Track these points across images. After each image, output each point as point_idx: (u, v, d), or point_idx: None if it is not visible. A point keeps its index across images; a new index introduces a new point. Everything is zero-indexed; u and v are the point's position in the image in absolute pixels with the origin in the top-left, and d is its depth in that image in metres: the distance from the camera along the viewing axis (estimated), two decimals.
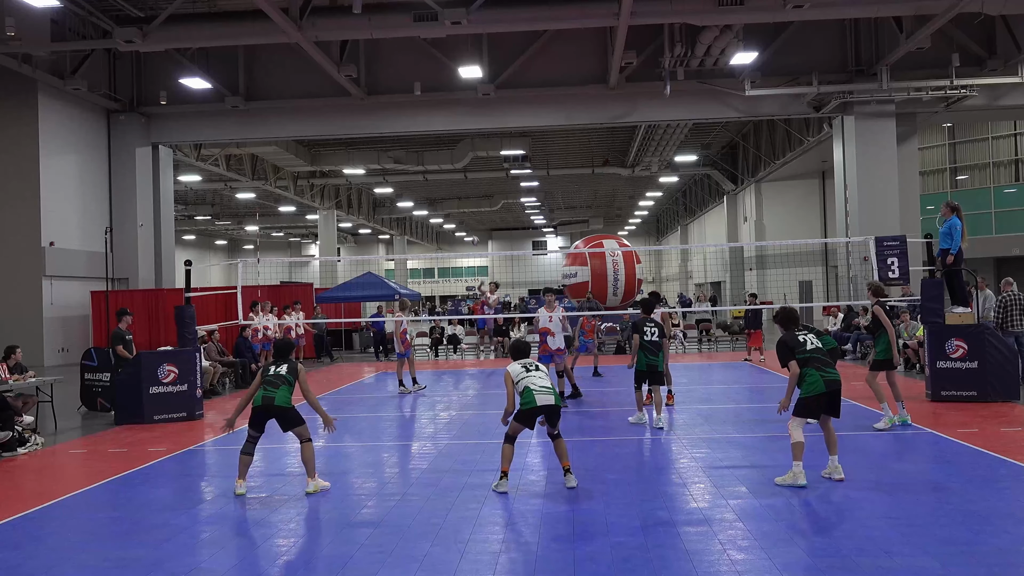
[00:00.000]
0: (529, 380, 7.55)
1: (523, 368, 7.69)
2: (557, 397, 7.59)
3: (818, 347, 7.40)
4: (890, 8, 19.32)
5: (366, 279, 26.63)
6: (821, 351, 7.38)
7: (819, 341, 7.45)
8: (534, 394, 7.45)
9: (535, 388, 7.47)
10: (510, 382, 7.64)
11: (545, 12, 18.92)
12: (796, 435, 7.32)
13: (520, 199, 51.76)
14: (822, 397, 7.27)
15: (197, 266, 14.73)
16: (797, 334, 7.48)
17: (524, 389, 7.50)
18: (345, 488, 7.89)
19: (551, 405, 7.44)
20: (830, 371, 7.32)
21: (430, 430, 11.12)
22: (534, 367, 7.74)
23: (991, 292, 14.74)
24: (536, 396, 7.43)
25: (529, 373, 7.63)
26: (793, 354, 7.37)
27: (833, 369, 7.36)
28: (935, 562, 5.24)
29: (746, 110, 24.22)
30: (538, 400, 7.41)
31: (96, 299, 22.20)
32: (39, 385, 12.26)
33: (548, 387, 7.54)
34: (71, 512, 7.30)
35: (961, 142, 34.61)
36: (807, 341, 7.42)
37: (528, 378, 7.57)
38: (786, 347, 7.44)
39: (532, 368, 7.70)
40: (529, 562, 5.49)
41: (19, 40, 19.30)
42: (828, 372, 7.30)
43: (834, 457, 7.51)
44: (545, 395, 7.45)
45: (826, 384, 7.25)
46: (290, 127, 25.35)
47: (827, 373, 7.29)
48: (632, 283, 28.70)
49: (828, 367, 7.33)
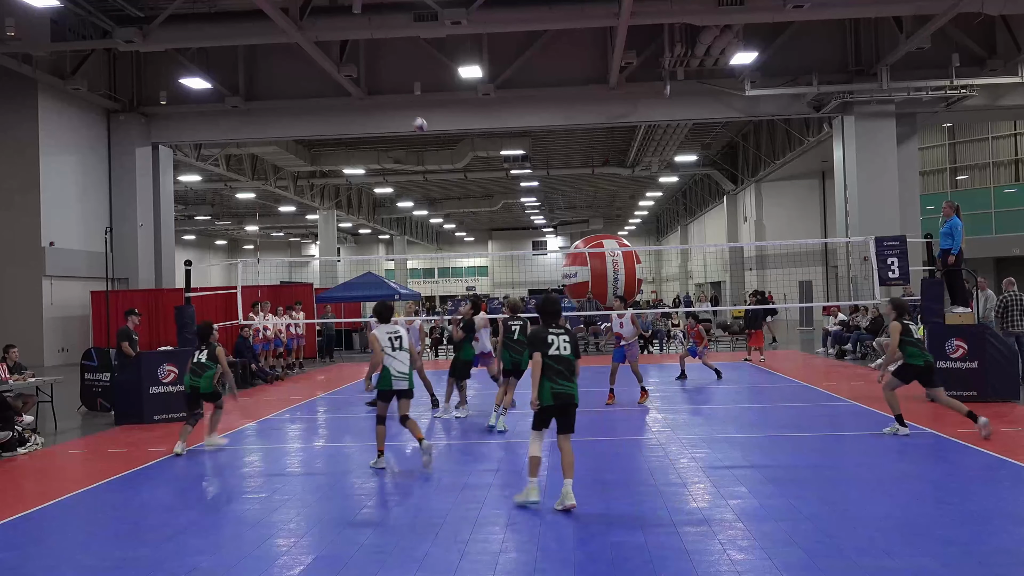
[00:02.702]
0: (389, 361, 8.22)
1: (389, 342, 8.27)
2: (411, 382, 8.33)
3: (561, 354, 6.77)
4: (890, 8, 19.33)
5: (366, 279, 26.61)
6: (561, 359, 6.76)
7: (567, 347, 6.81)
8: (391, 379, 8.19)
9: (393, 373, 8.21)
10: (377, 345, 8.23)
11: (545, 12, 18.92)
12: (533, 449, 6.83)
13: (520, 199, 51.75)
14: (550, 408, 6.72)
15: (197, 266, 14.74)
16: (549, 333, 6.82)
17: (384, 370, 8.20)
18: (345, 488, 7.89)
19: (404, 390, 8.23)
20: (562, 383, 6.72)
21: (430, 430, 11.11)
22: (400, 344, 8.30)
23: (991, 292, 14.74)
24: (393, 381, 8.20)
25: (394, 352, 8.26)
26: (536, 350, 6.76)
27: (566, 382, 6.74)
28: (935, 562, 5.23)
29: (746, 110, 24.22)
30: (394, 385, 8.21)
31: (96, 299, 22.18)
32: (39, 385, 12.25)
33: (404, 373, 8.26)
34: (71, 512, 7.30)
35: (961, 142, 34.60)
36: (554, 343, 6.77)
37: (390, 358, 8.22)
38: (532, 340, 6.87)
39: (397, 346, 8.28)
40: (529, 562, 5.49)
41: (19, 40, 19.31)
42: (560, 384, 6.71)
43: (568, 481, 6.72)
44: (400, 381, 8.22)
45: (554, 396, 6.69)
46: (290, 127, 25.35)
47: (558, 385, 6.71)
48: (632, 283, 28.75)
49: (562, 379, 6.73)
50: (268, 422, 12.10)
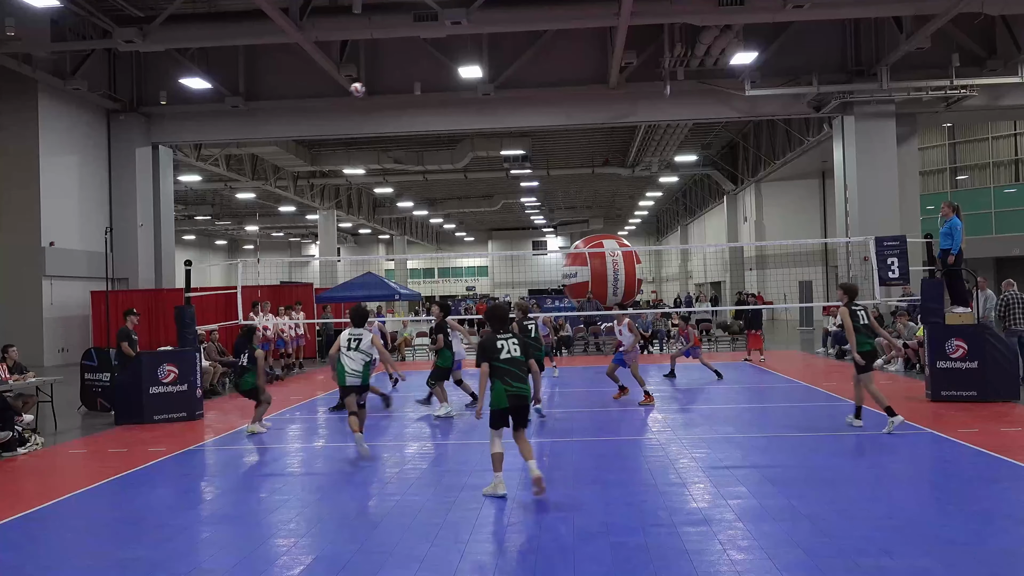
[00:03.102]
0: (345, 360, 9.07)
1: (347, 343, 9.10)
2: (366, 379, 9.18)
3: (512, 357, 7.09)
4: (890, 8, 19.32)
5: (366, 279, 26.59)
6: (513, 361, 7.09)
7: (517, 350, 7.14)
8: (345, 375, 9.07)
9: (347, 371, 9.07)
10: (336, 346, 9.17)
11: (545, 12, 18.92)
12: (495, 446, 7.13)
13: (520, 199, 51.75)
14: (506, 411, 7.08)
15: (197, 266, 14.73)
16: (497, 339, 7.15)
17: (340, 367, 9.06)
18: (345, 488, 7.89)
19: (356, 386, 9.09)
20: (516, 384, 7.04)
21: (430, 430, 11.12)
22: (356, 346, 9.08)
23: (991, 292, 14.74)
24: (347, 377, 9.07)
25: (349, 351, 9.08)
26: (487, 357, 7.10)
27: (519, 383, 7.06)
28: (935, 562, 5.23)
29: (746, 110, 24.22)
30: (347, 381, 9.08)
31: (96, 299, 22.18)
32: (39, 385, 12.25)
33: (357, 371, 9.08)
34: (71, 512, 7.29)
35: (961, 142, 34.60)
36: (504, 347, 7.11)
37: (345, 355, 9.08)
38: (482, 349, 7.17)
39: (354, 347, 9.08)
40: (529, 562, 5.49)
41: (19, 40, 19.30)
42: (513, 386, 7.02)
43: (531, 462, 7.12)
44: (352, 377, 9.07)
45: (509, 398, 7.02)
46: (290, 127, 25.35)
47: (512, 387, 7.02)
48: (632, 283, 28.74)
49: (515, 380, 7.04)
50: (268, 422, 12.08)
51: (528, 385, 7.18)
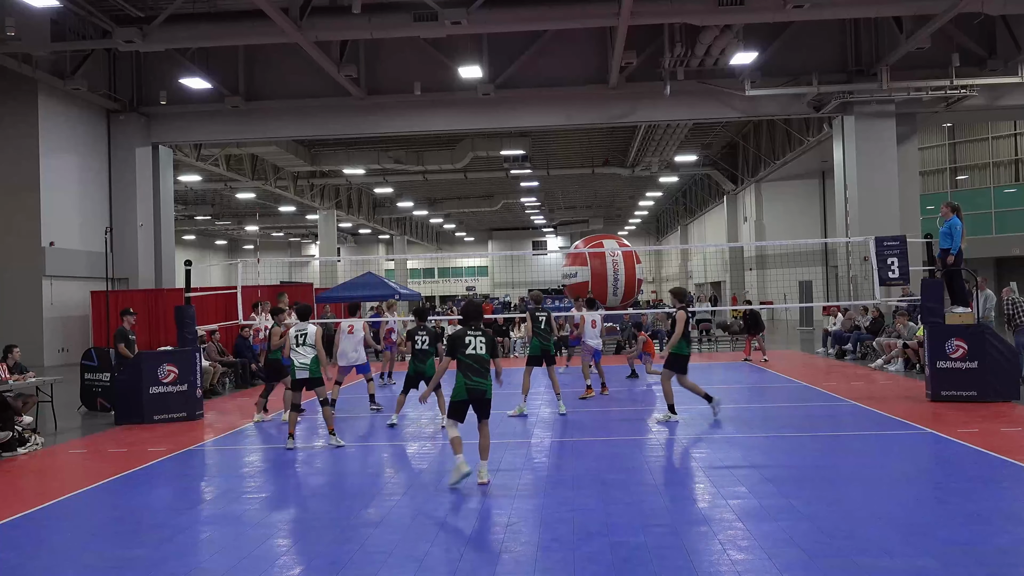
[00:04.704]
0: (293, 355, 9.64)
1: (294, 339, 9.65)
2: (315, 372, 9.56)
3: (476, 353, 7.46)
4: (890, 8, 19.33)
5: (366, 279, 26.60)
6: (476, 358, 7.44)
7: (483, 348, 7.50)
8: (295, 370, 9.62)
9: (296, 365, 9.63)
10: (287, 337, 9.83)
11: (545, 12, 18.93)
12: (452, 432, 7.53)
13: (520, 199, 51.74)
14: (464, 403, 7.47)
15: (197, 266, 14.73)
16: (467, 335, 7.52)
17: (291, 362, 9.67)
18: (345, 488, 7.89)
19: (306, 379, 9.60)
20: (476, 379, 7.42)
21: (430, 430, 11.12)
22: (303, 341, 9.60)
23: (991, 292, 14.75)
24: (296, 371, 9.63)
25: (297, 347, 9.62)
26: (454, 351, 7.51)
27: (479, 378, 7.43)
28: (935, 562, 5.23)
29: (746, 110, 24.22)
30: (296, 375, 9.65)
31: (96, 299, 22.18)
32: (39, 385, 12.25)
33: (306, 364, 9.56)
34: (71, 512, 7.30)
35: (961, 142, 34.59)
36: (472, 343, 7.49)
37: (294, 350, 9.64)
38: (451, 342, 7.54)
39: (301, 342, 9.61)
40: (529, 562, 5.49)
41: (19, 40, 19.30)
42: (473, 380, 7.42)
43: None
44: (301, 371, 9.59)
45: (468, 391, 7.41)
46: (290, 127, 25.35)
47: (472, 381, 7.41)
48: (632, 283, 28.70)
49: (476, 375, 7.42)
50: (268, 422, 12.10)
51: (488, 381, 7.51)
